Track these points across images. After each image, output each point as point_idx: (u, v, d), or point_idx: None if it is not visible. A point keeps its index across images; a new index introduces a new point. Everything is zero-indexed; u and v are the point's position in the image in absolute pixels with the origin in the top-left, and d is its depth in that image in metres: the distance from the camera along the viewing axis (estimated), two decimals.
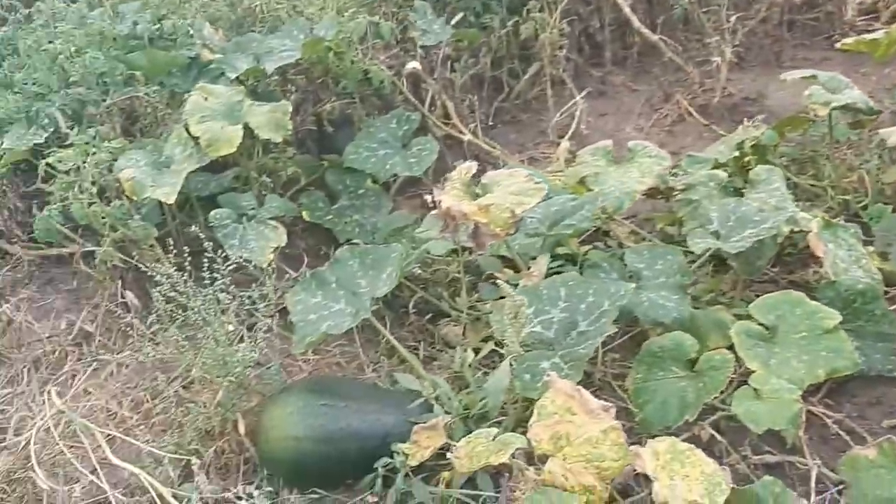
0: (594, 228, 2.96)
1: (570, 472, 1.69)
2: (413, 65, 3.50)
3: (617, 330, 2.22)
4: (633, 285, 2.30)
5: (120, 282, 3.05)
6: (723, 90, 3.88)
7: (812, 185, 3.13)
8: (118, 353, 2.90)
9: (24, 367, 2.88)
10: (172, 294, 2.29)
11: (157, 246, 2.98)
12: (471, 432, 2.23)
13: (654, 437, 2.15)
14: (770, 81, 4.07)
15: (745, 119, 3.71)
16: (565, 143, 3.28)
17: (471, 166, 2.59)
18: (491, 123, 4.12)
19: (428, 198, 3.63)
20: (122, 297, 3.04)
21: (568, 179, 3.05)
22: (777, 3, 4.16)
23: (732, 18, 3.99)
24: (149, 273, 2.91)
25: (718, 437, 2.18)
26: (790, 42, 4.35)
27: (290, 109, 3.17)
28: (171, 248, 3.06)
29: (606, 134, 3.97)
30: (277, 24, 3.92)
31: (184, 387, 2.70)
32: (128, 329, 2.97)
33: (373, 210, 3.43)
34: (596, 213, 2.75)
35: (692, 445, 1.77)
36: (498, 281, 2.22)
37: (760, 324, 2.29)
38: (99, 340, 2.98)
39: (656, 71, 4.29)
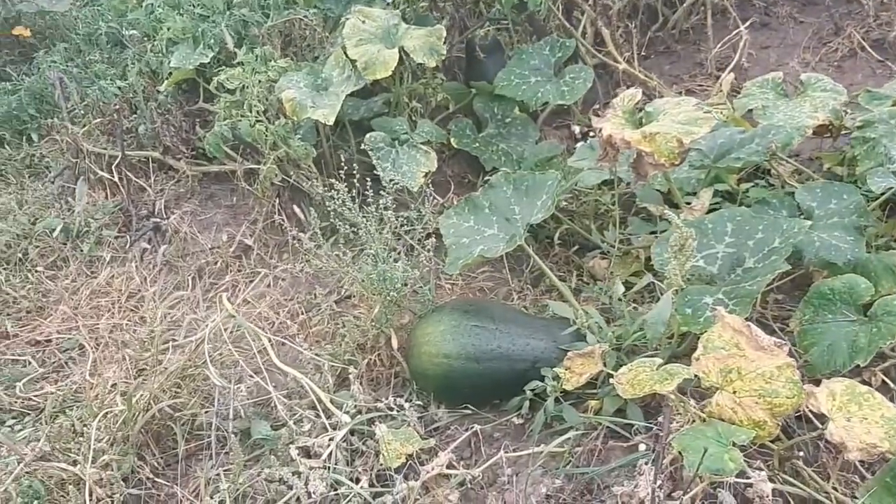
0: (755, 166, 2.83)
1: (740, 405, 1.65)
2: None
3: (784, 268, 2.12)
4: (808, 223, 2.19)
5: (277, 200, 3.18)
6: None
7: None
8: (275, 268, 3.04)
9: (190, 275, 3.07)
10: (339, 209, 2.36)
11: (313, 166, 3.09)
12: (623, 364, 2.23)
13: (818, 381, 2.09)
14: None
15: None
16: (729, 74, 3.11)
17: (635, 93, 2.50)
18: (644, 54, 3.97)
19: (576, 128, 3.58)
20: (280, 213, 3.18)
21: (732, 112, 2.91)
22: None
23: None
24: (306, 191, 3.04)
25: (891, 384, 2.07)
26: None
27: (445, 34, 3.16)
28: (327, 168, 3.17)
29: (769, 68, 3.75)
30: None
31: (336, 301, 2.82)
32: (284, 244, 3.12)
33: (519, 139, 3.41)
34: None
35: (872, 389, 1.68)
36: (666, 212, 2.16)
37: None
38: (257, 254, 3.13)
39: (826, 2, 3.98)
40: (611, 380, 1.89)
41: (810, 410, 1.70)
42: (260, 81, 2.88)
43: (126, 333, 2.79)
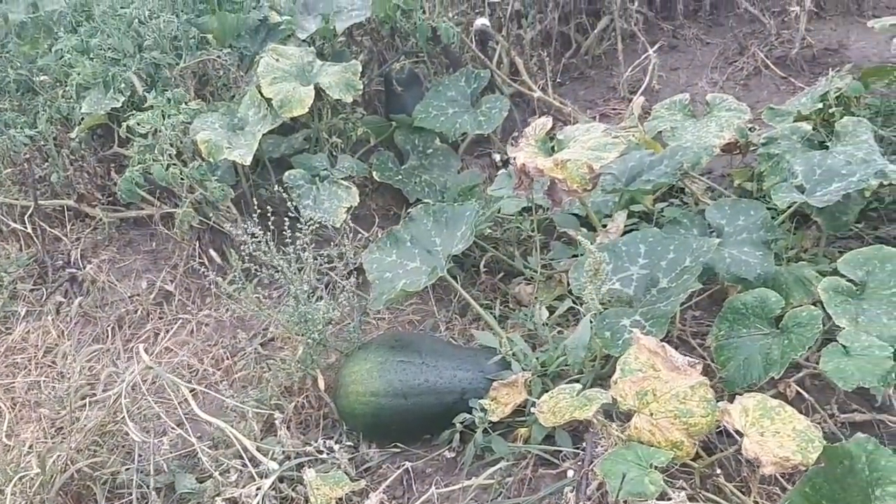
0: (668, 186, 2.89)
1: (657, 427, 1.67)
2: (482, 21, 3.45)
3: (697, 287, 2.16)
4: (717, 240, 2.24)
5: (197, 243, 3.12)
6: (802, 41, 3.72)
7: None
8: (198, 313, 2.97)
9: (109, 325, 2.98)
10: (255, 253, 2.31)
11: (232, 207, 3.04)
12: (548, 390, 2.23)
13: (736, 395, 2.13)
14: (851, 31, 3.90)
15: (826, 71, 3.57)
16: (639, 98, 3.19)
17: (546, 122, 2.54)
18: (559, 80, 4.06)
19: (496, 156, 3.62)
20: (201, 257, 3.11)
21: (643, 135, 2.97)
22: None
23: None
24: (227, 233, 2.98)
25: (805, 395, 2.13)
26: None
27: (360, 69, 3.16)
28: (247, 208, 3.12)
29: (679, 89, 3.87)
30: None
31: (262, 344, 2.76)
32: (206, 288, 3.05)
33: (441, 169, 3.43)
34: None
35: (782, 402, 1.72)
36: (579, 237, 2.19)
37: (849, 280, 2.20)
38: (178, 300, 3.05)
39: (730, 23, 4.14)
40: (533, 409, 1.88)
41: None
42: (172, 125, 2.82)
43: (43, 391, 2.68)
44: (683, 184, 2.96)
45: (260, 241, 2.27)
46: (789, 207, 2.45)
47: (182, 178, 2.78)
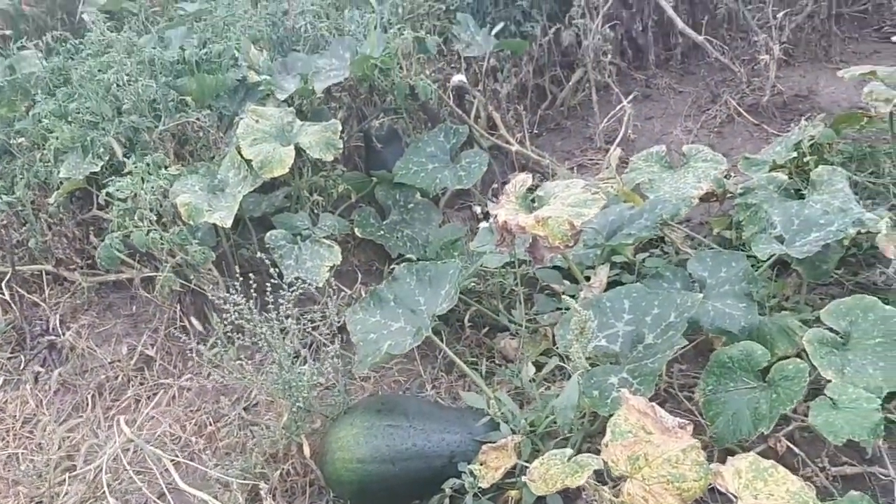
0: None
1: (650, 493, 1.63)
2: (459, 77, 3.47)
3: (683, 343, 2.15)
4: (700, 295, 2.24)
5: (178, 306, 3.07)
6: (772, 88, 3.78)
7: (872, 183, 3.02)
8: (179, 378, 2.91)
9: (89, 393, 2.91)
10: (238, 321, 2.27)
11: (214, 269, 3.00)
12: (538, 450, 2.20)
13: (727, 450, 2.11)
14: (820, 77, 3.97)
15: (797, 117, 3.63)
16: (616, 150, 3.21)
17: (525, 179, 2.54)
18: (536, 132, 4.08)
19: (477, 209, 3.62)
20: (182, 321, 3.06)
21: (622, 186, 2.99)
22: None
23: (779, 15, 3.89)
24: (209, 296, 2.94)
25: (795, 449, 2.11)
26: (839, 36, 4.25)
27: (340, 128, 3.16)
28: (228, 270, 3.09)
29: (654, 137, 3.91)
30: (320, 42, 3.94)
31: (245, 409, 2.71)
32: (188, 353, 3.00)
33: (423, 224, 3.41)
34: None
35: (774, 462, 1.70)
36: (564, 296, 2.17)
37: (832, 330, 2.21)
38: (160, 365, 2.99)
39: (702, 72, 4.21)
40: (523, 477, 1.85)
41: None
42: (152, 189, 2.79)
43: (21, 465, 2.60)
44: (663, 233, 2.97)
45: (242, 309, 2.23)
46: (769, 258, 2.46)
47: (162, 243, 2.74)
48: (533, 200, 2.52)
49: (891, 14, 4.19)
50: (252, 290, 2.37)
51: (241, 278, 2.46)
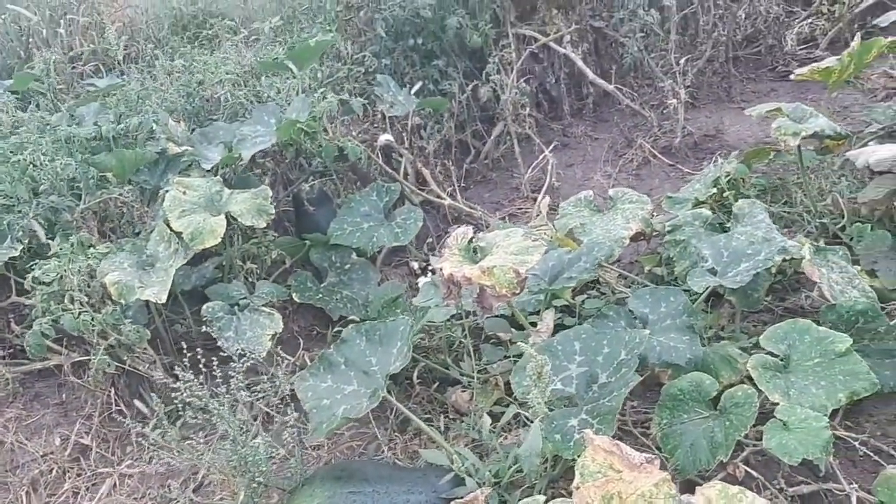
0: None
1: None
2: (386, 137, 3.52)
3: (637, 380, 2.19)
4: (647, 332, 2.29)
5: (113, 389, 2.94)
6: (682, 130, 3.97)
7: (787, 213, 3.20)
8: (120, 464, 2.77)
9: (23, 490, 2.73)
10: (189, 399, 2.19)
11: (149, 347, 2.90)
12: (505, 502, 2.19)
13: (688, 481, 2.15)
14: (725, 117, 4.20)
15: (708, 156, 3.83)
16: (545, 198, 3.30)
17: (466, 231, 2.57)
18: (463, 185, 4.15)
19: (414, 264, 3.63)
20: (117, 404, 2.93)
21: (555, 232, 3.06)
22: (721, 41, 4.31)
23: (682, 61, 4.12)
24: (144, 376, 2.84)
25: (753, 473, 2.16)
26: (737, 77, 4.51)
27: (270, 194, 3.14)
28: (163, 346, 2.99)
29: (576, 183, 4.04)
30: (238, 110, 3.93)
31: (195, 490, 2.59)
32: (126, 437, 2.87)
33: (362, 284, 3.40)
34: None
35: (742, 488, 1.74)
36: (519, 343, 2.19)
37: (773, 354, 2.30)
38: (97, 453, 2.84)
39: (615, 118, 4.39)
40: None
41: None
42: (80, 270, 2.69)
43: None
44: (598, 274, 3.05)
45: (192, 385, 2.16)
46: (704, 291, 2.55)
47: (94, 325, 2.63)
48: (475, 251, 2.55)
49: (782, 54, 4.49)
50: (187, 367, 2.29)
51: (177, 354, 2.38)
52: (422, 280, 3.57)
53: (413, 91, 3.97)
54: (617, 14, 4.40)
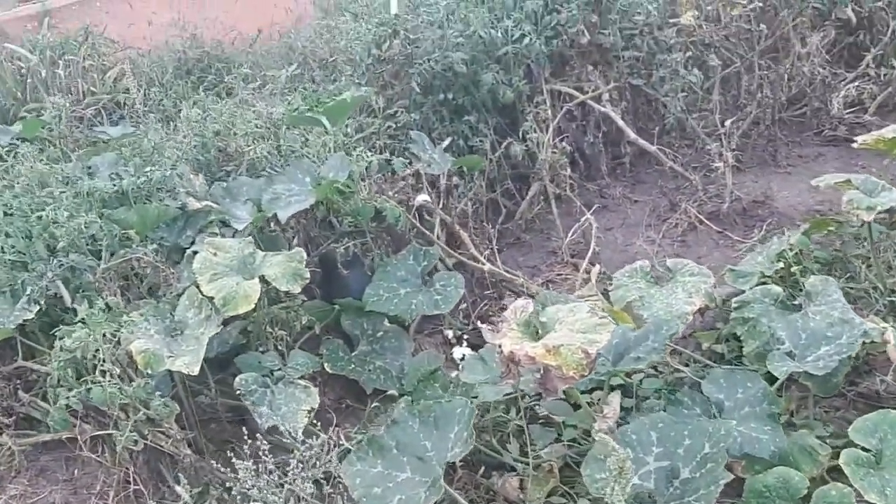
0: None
1: None
2: (423, 197, 3.49)
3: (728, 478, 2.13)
4: (734, 423, 2.24)
5: (132, 466, 2.84)
6: (731, 195, 3.97)
7: (852, 289, 3.17)
8: None
9: None
10: (249, 490, 2.10)
11: (173, 423, 2.81)
12: None
13: None
14: (772, 181, 4.21)
15: (758, 223, 3.82)
16: (595, 267, 3.27)
17: (526, 305, 2.52)
18: (496, 247, 4.10)
19: (449, 333, 3.57)
20: (136, 483, 2.83)
21: (610, 305, 3.02)
22: (766, 102, 4.35)
23: (727, 122, 4.13)
24: (166, 452, 2.75)
25: None
26: (783, 140, 4.54)
27: (305, 256, 3.10)
28: (186, 420, 2.91)
29: (617, 249, 4.02)
30: (257, 164, 3.91)
31: None
32: None
33: (395, 353, 3.34)
34: None
35: None
36: (600, 434, 2.13)
37: (864, 448, 2.24)
38: None
39: (654, 180, 4.39)
40: None
41: None
42: (107, 337, 2.62)
43: None
44: None
45: (249, 475, 2.07)
46: (783, 376, 2.50)
47: (123, 399, 2.56)
48: (536, 326, 2.50)
49: (829, 118, 4.53)
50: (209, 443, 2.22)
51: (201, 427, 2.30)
52: (457, 350, 3.52)
53: (443, 146, 3.96)
54: (656, 72, 4.44)
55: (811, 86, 4.53)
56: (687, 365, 3.00)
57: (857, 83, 4.42)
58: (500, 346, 2.42)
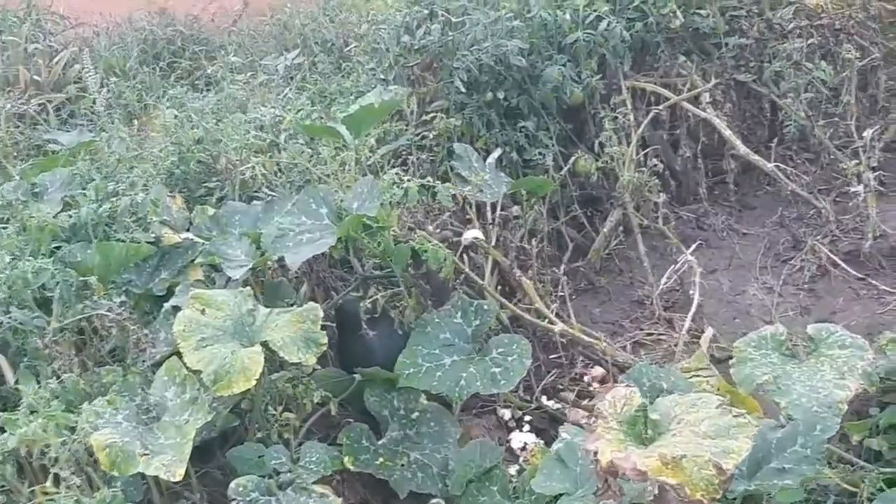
0: None
1: None
2: (473, 234, 3.32)
3: None
4: None
5: None
6: (874, 229, 3.76)
7: None
8: None
9: None
10: None
11: None
12: None
13: None
14: None
15: None
16: (708, 330, 3.06)
17: (631, 395, 2.32)
18: (562, 294, 3.89)
19: (504, 413, 3.37)
20: None
21: (726, 384, 2.82)
22: None
23: (866, 132, 3.91)
24: None
25: None
26: None
27: (321, 315, 2.91)
28: None
29: (723, 298, 3.83)
30: (250, 184, 3.77)
31: None
32: None
33: (435, 441, 3.15)
34: None
35: None
36: None
37: None
38: None
39: (768, 206, 4.20)
40: None
41: None
42: (61, 429, 2.43)
43: None
44: None
45: None
46: None
47: None
48: (643, 426, 2.29)
49: None
50: None
51: None
52: (516, 437, 3.33)
53: (491, 160, 3.78)
54: (769, 66, 4.25)
55: None
56: (831, 465, 2.78)
57: None
58: (594, 454, 2.22)
